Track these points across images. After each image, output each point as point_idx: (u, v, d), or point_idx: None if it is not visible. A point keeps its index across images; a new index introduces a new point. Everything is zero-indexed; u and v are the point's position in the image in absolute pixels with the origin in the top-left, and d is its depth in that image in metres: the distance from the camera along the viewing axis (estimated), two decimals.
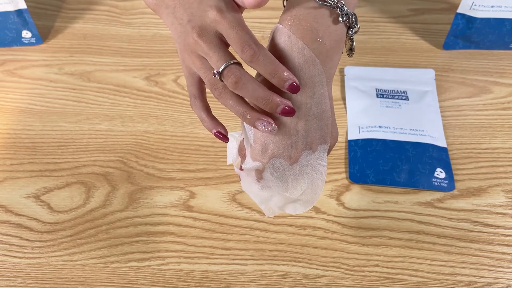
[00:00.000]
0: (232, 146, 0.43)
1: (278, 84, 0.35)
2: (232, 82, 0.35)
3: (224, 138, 0.40)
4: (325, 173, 0.39)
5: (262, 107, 0.35)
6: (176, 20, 0.37)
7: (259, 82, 0.35)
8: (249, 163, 0.38)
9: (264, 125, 0.35)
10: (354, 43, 0.38)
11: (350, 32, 0.37)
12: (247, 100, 0.36)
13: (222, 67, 0.35)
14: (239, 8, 0.37)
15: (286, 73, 0.34)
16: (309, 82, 0.35)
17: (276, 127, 0.36)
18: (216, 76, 0.35)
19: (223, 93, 0.36)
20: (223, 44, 0.36)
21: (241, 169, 0.40)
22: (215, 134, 0.40)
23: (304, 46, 0.35)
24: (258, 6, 0.35)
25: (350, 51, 0.39)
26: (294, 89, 0.34)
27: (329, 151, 0.39)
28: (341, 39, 0.37)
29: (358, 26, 0.37)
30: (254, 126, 0.36)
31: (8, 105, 0.64)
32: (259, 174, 0.39)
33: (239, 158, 0.41)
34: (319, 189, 0.40)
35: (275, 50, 0.36)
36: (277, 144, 0.37)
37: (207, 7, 0.35)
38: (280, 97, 0.35)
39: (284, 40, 0.35)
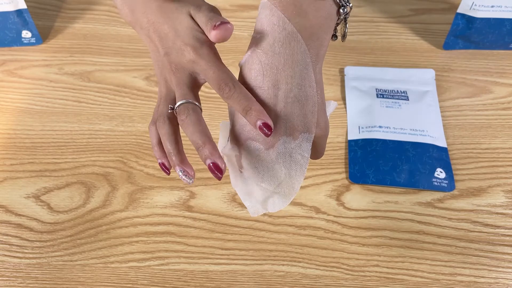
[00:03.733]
0: (223, 136, 0.40)
1: (250, 122, 0.34)
2: (180, 119, 0.36)
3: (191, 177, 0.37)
4: (306, 165, 0.36)
5: (196, 150, 0.35)
6: (152, 44, 0.39)
7: (202, 126, 0.35)
8: (227, 146, 0.37)
9: (181, 173, 0.36)
10: (347, 25, 0.36)
11: (341, 11, 0.34)
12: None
13: (178, 103, 0.36)
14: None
15: (258, 112, 0.33)
16: (289, 59, 0.33)
17: (192, 181, 0.36)
18: (170, 110, 0.37)
19: (162, 124, 0.38)
20: (192, 82, 0.37)
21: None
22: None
23: (285, 20, 0.33)
24: (222, 40, 0.35)
25: (343, 36, 0.37)
26: (267, 129, 0.33)
27: (319, 145, 0.37)
28: (330, 16, 0.34)
29: (351, 5, 0.34)
30: (175, 169, 0.37)
31: (8, 105, 0.64)
32: (239, 161, 0.37)
33: None
34: (297, 182, 0.36)
35: (258, 24, 0.34)
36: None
37: (184, 46, 0.36)
38: (214, 150, 0.34)
39: (266, 14, 0.34)
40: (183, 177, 0.36)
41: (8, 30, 0.69)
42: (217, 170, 0.34)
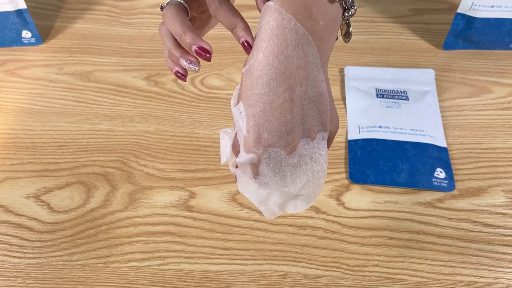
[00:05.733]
0: (225, 144, 0.40)
1: (236, 39, 0.36)
2: (162, 14, 0.38)
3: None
4: (326, 164, 0.37)
5: (179, 42, 0.37)
6: None
7: (181, 18, 0.37)
8: (243, 156, 0.36)
9: (186, 62, 0.37)
10: (350, 27, 0.37)
11: (346, 14, 0.35)
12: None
13: (167, 1, 0.38)
14: None
15: (243, 29, 0.35)
16: (302, 62, 0.34)
17: (198, 68, 0.37)
18: (161, 10, 0.39)
19: (160, 26, 0.39)
20: None
21: (236, 167, 0.38)
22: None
23: (297, 23, 0.33)
24: None
25: (346, 35, 0.37)
26: (249, 46, 0.35)
27: (330, 140, 0.37)
28: (336, 19, 0.35)
29: (355, 7, 0.35)
30: (179, 63, 0.38)
31: (8, 105, 0.64)
32: (255, 168, 0.36)
33: (234, 156, 0.39)
34: (321, 182, 0.37)
35: (265, 28, 0.34)
36: (271, 132, 0.35)
37: None
38: (194, 35, 0.35)
39: (276, 17, 0.33)
40: (189, 65, 0.38)
41: (8, 30, 0.69)
42: (204, 52, 0.36)
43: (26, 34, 0.70)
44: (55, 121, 0.62)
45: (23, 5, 0.67)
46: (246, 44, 0.35)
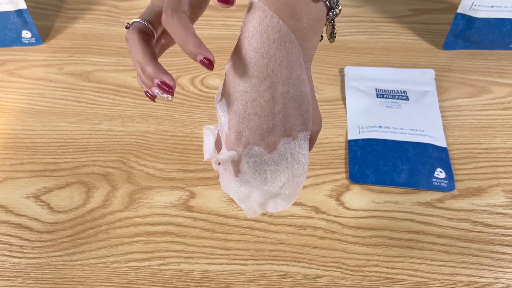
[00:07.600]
0: (208, 141, 0.40)
1: (190, 56, 0.33)
2: (126, 38, 0.37)
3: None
4: (307, 163, 0.37)
5: (142, 72, 0.35)
6: None
7: (142, 46, 0.35)
8: (224, 153, 0.36)
9: (159, 91, 0.35)
10: (335, 27, 0.37)
11: (331, 13, 0.35)
12: None
13: (131, 21, 0.38)
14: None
15: (195, 46, 0.33)
16: (285, 60, 0.34)
17: (170, 97, 0.35)
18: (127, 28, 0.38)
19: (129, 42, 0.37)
20: (157, 11, 0.38)
21: (219, 164, 0.38)
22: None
23: (280, 21, 0.33)
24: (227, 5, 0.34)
25: (332, 35, 0.37)
26: (209, 62, 0.33)
27: (313, 140, 0.37)
28: (320, 18, 0.35)
29: (340, 7, 0.35)
30: (150, 88, 0.36)
31: (8, 105, 0.64)
32: (236, 166, 0.36)
33: (217, 153, 0.39)
34: (300, 181, 0.37)
35: (249, 25, 0.34)
36: (252, 130, 0.35)
37: None
38: (157, 68, 0.34)
39: (259, 15, 0.33)
40: (162, 95, 0.35)
41: (8, 30, 0.69)
42: (167, 86, 0.35)
43: (26, 34, 0.70)
44: (55, 121, 0.62)
45: (23, 5, 0.67)
46: (206, 61, 0.33)
